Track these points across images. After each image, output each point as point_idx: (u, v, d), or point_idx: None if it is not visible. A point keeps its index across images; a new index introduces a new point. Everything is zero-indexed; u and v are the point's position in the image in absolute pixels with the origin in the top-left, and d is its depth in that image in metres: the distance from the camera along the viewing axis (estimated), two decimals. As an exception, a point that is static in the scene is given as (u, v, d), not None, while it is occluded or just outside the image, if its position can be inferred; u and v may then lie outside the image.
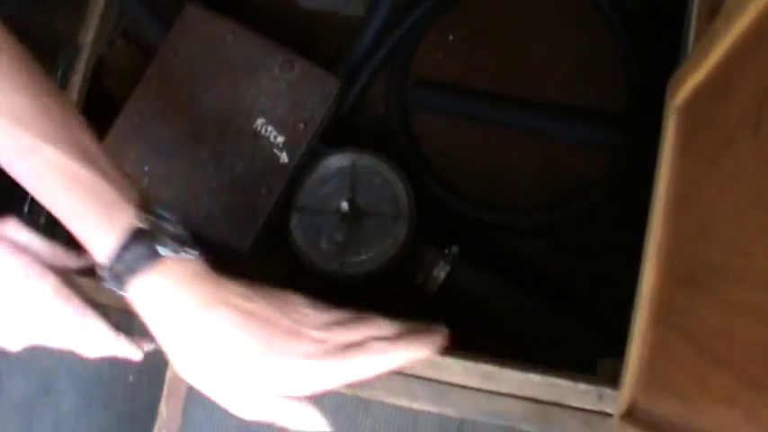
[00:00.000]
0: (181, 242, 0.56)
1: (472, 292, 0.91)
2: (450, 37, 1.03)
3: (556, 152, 0.99)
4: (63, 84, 0.94)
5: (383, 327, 0.59)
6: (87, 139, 0.56)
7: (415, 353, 0.58)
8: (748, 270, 0.41)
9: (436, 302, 0.91)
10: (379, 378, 0.66)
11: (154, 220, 0.55)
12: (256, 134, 0.87)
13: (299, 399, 0.58)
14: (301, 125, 0.87)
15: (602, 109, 0.99)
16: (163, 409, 0.75)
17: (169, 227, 0.56)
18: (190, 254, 0.56)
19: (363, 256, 0.88)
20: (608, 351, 0.71)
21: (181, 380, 0.77)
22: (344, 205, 0.87)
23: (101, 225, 0.54)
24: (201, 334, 0.55)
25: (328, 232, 0.88)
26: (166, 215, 0.57)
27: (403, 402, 0.68)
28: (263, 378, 0.56)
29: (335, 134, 0.94)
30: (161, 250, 0.54)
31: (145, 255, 0.54)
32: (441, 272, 0.89)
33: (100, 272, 0.55)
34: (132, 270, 0.54)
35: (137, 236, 0.54)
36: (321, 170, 0.89)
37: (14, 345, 0.66)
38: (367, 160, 0.89)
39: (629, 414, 0.58)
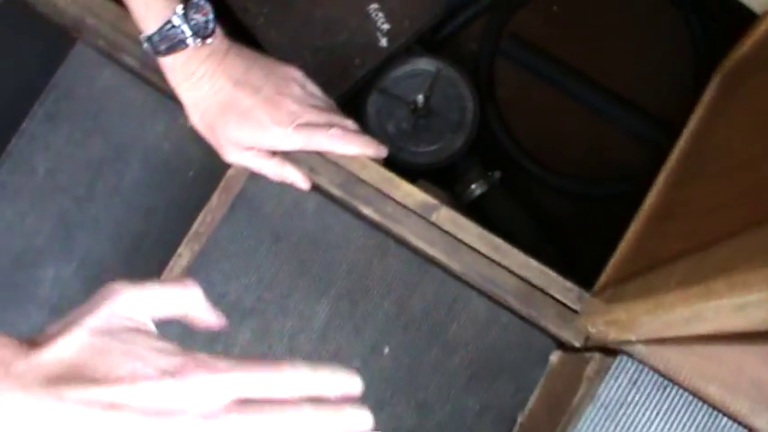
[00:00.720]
0: (205, 31, 0.74)
1: (497, 215, 1.01)
2: (555, 8, 1.14)
3: (610, 135, 1.10)
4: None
5: (347, 122, 0.80)
6: None
7: (359, 150, 0.78)
8: (727, 153, 0.51)
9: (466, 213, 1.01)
10: (406, 216, 0.78)
11: (188, 16, 0.73)
12: (367, 15, 0.99)
13: (271, 155, 0.78)
14: (407, 21, 0.99)
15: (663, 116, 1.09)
16: (214, 198, 0.86)
17: (199, 17, 0.74)
18: (209, 39, 0.74)
19: (419, 149, 0.99)
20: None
21: (237, 178, 0.88)
22: (420, 99, 0.99)
23: (147, 13, 0.73)
24: (204, 97, 0.76)
25: (397, 118, 0.99)
26: (202, 4, 0.74)
27: (421, 245, 0.78)
28: (240, 133, 0.76)
29: (429, 47, 1.05)
30: (187, 40, 0.73)
31: (174, 42, 0.73)
32: (478, 188, 1.00)
33: (142, 41, 0.75)
34: (166, 48, 0.73)
35: (171, 27, 0.72)
36: (409, 65, 1.00)
37: None
38: (451, 72, 1.01)
39: (601, 291, 0.68)
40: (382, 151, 0.81)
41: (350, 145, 0.78)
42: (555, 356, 0.84)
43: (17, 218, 0.96)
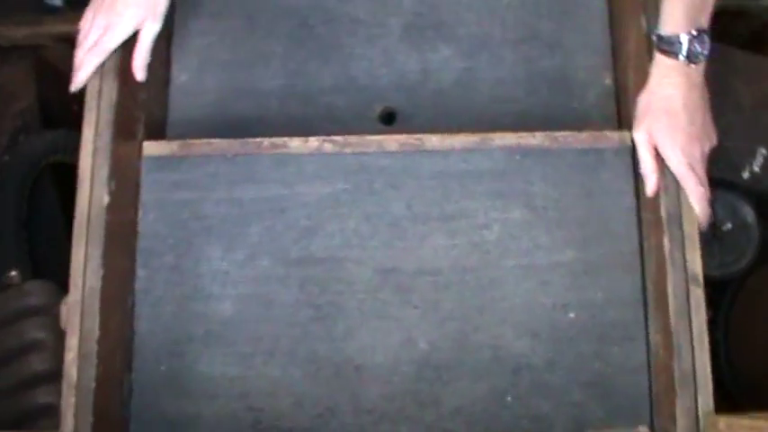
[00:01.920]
0: (695, 59, 0.97)
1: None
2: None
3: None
4: None
5: (707, 191, 1.00)
6: None
7: (698, 209, 0.99)
8: None
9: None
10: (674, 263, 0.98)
11: (692, 42, 0.97)
12: (753, 151, 1.21)
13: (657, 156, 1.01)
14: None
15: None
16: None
17: (698, 48, 0.97)
18: (693, 65, 0.98)
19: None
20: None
21: (607, 139, 1.08)
22: (727, 227, 1.20)
23: (672, 15, 0.98)
24: (664, 93, 1.00)
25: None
26: (706, 41, 0.98)
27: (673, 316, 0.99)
28: (659, 133, 1.00)
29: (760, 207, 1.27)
30: (679, 56, 0.97)
31: (671, 49, 0.98)
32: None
33: (652, 32, 1.01)
34: (661, 48, 0.99)
35: (677, 39, 0.97)
36: (739, 204, 1.22)
37: None
38: (756, 235, 1.22)
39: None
40: (704, 226, 1.01)
41: (698, 203, 0.99)
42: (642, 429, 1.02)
43: None
